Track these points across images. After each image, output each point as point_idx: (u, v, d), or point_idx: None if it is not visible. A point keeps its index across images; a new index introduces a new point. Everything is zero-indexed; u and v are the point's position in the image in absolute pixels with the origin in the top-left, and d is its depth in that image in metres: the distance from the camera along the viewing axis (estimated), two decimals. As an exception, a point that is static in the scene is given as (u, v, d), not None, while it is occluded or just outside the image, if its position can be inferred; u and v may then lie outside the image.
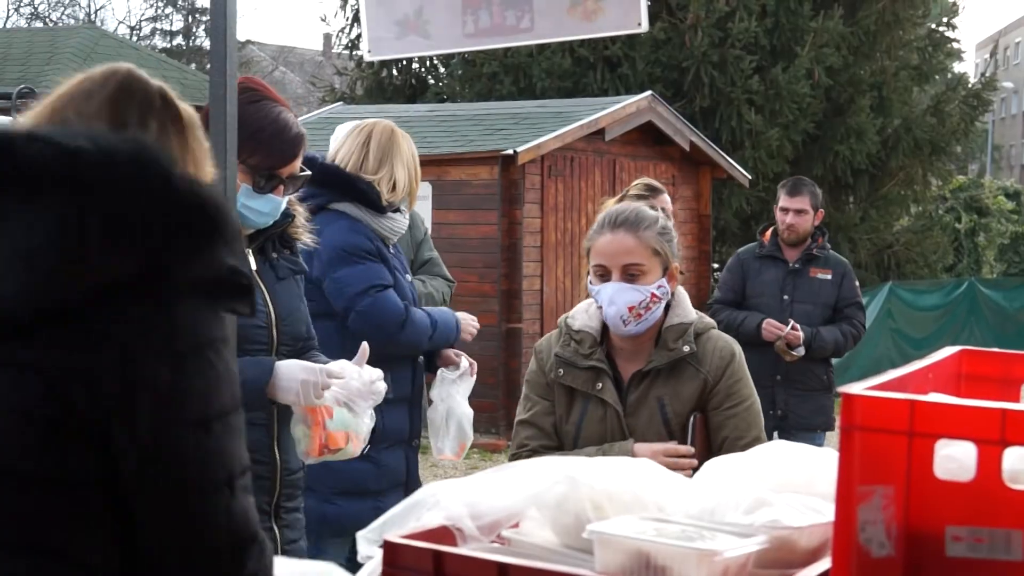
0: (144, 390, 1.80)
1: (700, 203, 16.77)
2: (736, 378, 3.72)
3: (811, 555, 1.84)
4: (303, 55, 52.74)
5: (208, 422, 1.85)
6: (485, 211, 13.39)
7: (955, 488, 1.56)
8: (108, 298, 1.81)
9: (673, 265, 3.71)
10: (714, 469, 2.07)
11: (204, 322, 1.88)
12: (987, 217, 27.54)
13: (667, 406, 3.68)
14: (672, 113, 15.90)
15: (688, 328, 3.72)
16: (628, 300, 3.63)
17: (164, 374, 1.82)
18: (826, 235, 7.70)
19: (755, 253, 7.71)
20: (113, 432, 1.80)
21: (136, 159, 1.87)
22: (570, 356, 3.76)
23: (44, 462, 1.79)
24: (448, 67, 21.26)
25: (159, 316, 1.83)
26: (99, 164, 1.84)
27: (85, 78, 2.25)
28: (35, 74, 19.58)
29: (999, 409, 1.53)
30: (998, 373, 2.20)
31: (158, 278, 1.84)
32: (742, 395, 3.72)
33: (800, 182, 7.66)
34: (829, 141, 19.96)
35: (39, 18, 40.36)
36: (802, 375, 7.40)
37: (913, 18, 21.51)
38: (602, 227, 3.70)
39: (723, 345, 3.77)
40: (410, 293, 5.02)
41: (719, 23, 18.84)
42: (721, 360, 3.72)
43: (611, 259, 3.66)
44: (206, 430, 1.85)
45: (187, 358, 1.84)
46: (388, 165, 4.90)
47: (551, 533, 1.97)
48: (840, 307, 7.52)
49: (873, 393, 1.58)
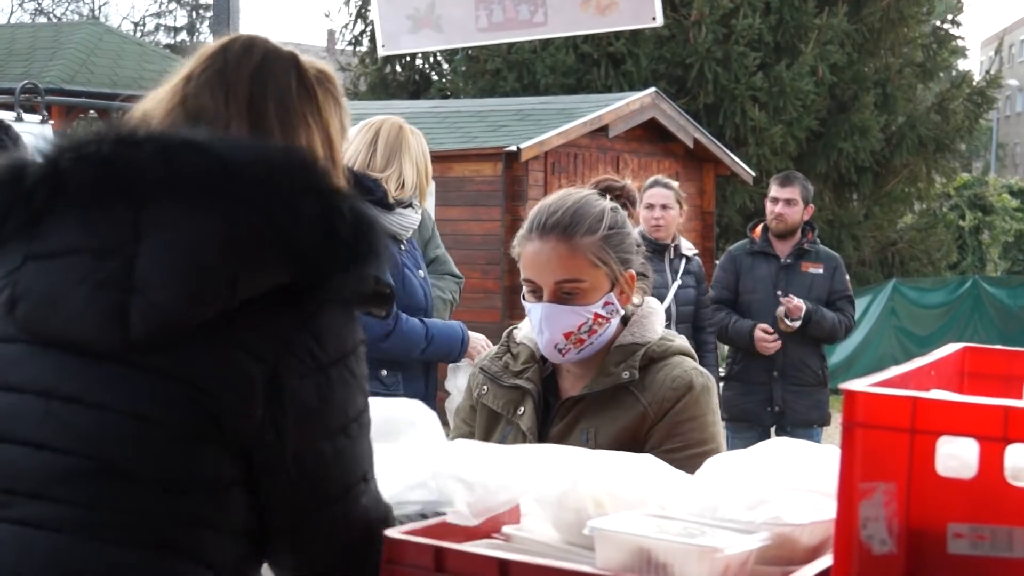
0: (290, 403, 1.85)
1: (703, 200, 16.77)
2: (686, 416, 2.90)
3: (813, 552, 1.84)
4: (306, 51, 52.63)
5: (347, 427, 1.91)
6: (488, 207, 13.40)
7: (957, 485, 1.55)
8: (257, 309, 1.85)
9: (625, 274, 2.95)
10: (716, 466, 2.07)
11: (348, 331, 1.94)
12: (991, 215, 27.54)
13: (591, 440, 2.89)
14: (676, 110, 15.91)
15: (638, 351, 2.96)
16: (563, 326, 2.89)
17: (310, 391, 1.86)
18: (815, 230, 7.76)
19: (746, 249, 7.75)
20: (257, 451, 1.85)
21: (293, 173, 1.90)
22: (497, 372, 3.11)
23: (180, 470, 1.83)
24: (452, 63, 21.27)
25: (307, 330, 1.88)
26: (258, 178, 1.86)
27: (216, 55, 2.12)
28: (39, 69, 19.61)
29: (1001, 406, 1.52)
30: (1001, 370, 2.19)
31: (308, 291, 1.88)
32: (688, 439, 2.89)
33: (792, 174, 7.77)
34: (833, 138, 19.98)
35: (43, 13, 40.43)
36: (798, 371, 7.47)
37: (917, 15, 21.52)
38: (530, 231, 2.95)
39: (679, 375, 2.94)
40: (422, 290, 5.00)
41: (723, 20, 18.85)
42: (671, 392, 2.91)
43: (540, 275, 2.90)
44: (346, 435, 1.91)
45: (331, 370, 1.89)
46: (396, 162, 4.88)
47: (552, 529, 1.97)
48: (832, 300, 7.57)
49: (875, 390, 1.58)
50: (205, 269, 1.82)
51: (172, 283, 1.82)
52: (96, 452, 1.82)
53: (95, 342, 1.84)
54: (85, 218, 1.88)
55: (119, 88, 19.85)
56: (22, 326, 1.89)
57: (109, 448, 1.82)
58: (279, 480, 1.87)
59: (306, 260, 1.87)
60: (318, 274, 1.88)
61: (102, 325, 1.83)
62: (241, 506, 1.87)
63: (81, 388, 1.84)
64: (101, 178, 1.87)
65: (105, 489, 1.82)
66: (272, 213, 1.85)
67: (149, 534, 1.82)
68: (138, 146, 1.89)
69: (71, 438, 1.83)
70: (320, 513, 1.90)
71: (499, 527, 2.02)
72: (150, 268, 1.82)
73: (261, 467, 1.86)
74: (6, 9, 53.44)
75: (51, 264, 1.88)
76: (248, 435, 1.84)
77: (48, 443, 1.84)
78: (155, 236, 1.84)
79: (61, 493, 1.82)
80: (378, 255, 1.92)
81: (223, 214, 1.84)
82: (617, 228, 2.94)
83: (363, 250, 1.90)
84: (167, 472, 1.83)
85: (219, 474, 1.85)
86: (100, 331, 1.83)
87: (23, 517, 1.82)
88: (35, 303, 1.88)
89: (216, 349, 1.84)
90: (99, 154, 1.89)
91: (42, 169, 1.92)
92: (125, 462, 1.82)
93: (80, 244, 1.87)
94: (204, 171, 1.86)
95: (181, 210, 1.85)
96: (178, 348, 1.83)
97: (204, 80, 2.07)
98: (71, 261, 1.87)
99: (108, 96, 18.03)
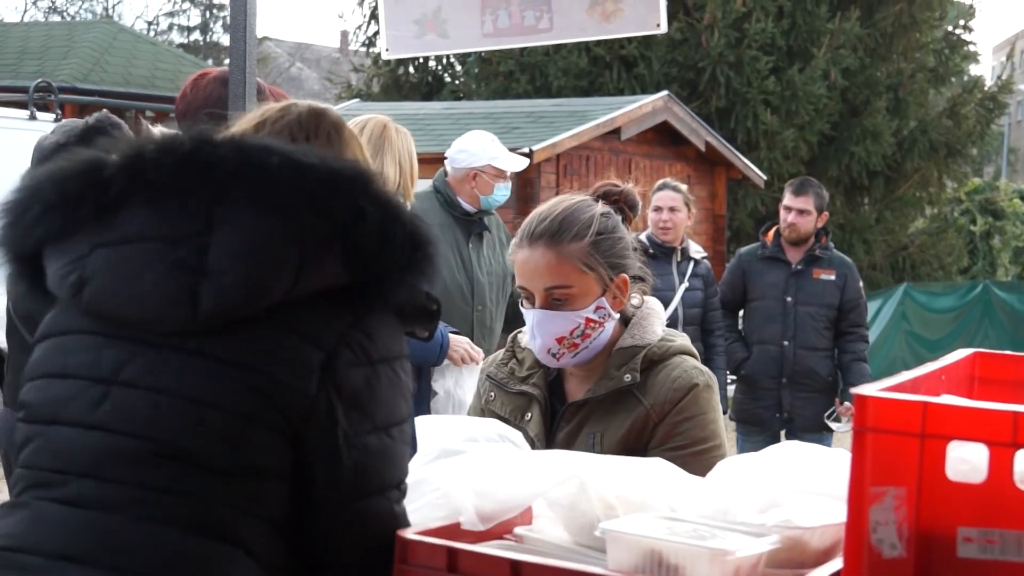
0: (341, 394, 1.93)
1: (715, 203, 16.78)
2: (686, 415, 2.94)
3: (823, 555, 1.85)
4: (320, 52, 52.79)
5: (390, 428, 1.99)
6: (500, 209, 13.34)
7: (967, 490, 1.56)
8: (316, 304, 1.95)
9: (617, 279, 2.97)
10: (727, 469, 2.08)
11: (395, 337, 2.04)
12: (1002, 220, 27.48)
13: (598, 444, 2.95)
14: (688, 113, 15.91)
15: (639, 353, 2.99)
16: (555, 331, 2.93)
17: (360, 380, 1.95)
18: (829, 235, 7.62)
19: (757, 254, 7.64)
20: (308, 431, 1.92)
21: (358, 179, 2.03)
22: (503, 378, 3.15)
23: (231, 453, 1.90)
24: (464, 65, 21.28)
25: (360, 328, 1.97)
26: (327, 182, 1.99)
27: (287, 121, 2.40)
28: (52, 68, 19.64)
29: (1011, 411, 1.53)
30: (1011, 376, 2.20)
31: (364, 293, 1.99)
32: (690, 436, 2.93)
33: (807, 182, 7.59)
34: (845, 142, 19.96)
35: (57, 12, 40.49)
36: (807, 377, 7.35)
37: (930, 20, 21.49)
38: (520, 239, 2.98)
39: (679, 375, 2.97)
40: None
41: (736, 24, 18.84)
42: (672, 392, 2.95)
43: (531, 281, 2.94)
44: (389, 436, 1.99)
45: (380, 366, 1.98)
46: (378, 162, 4.83)
47: (564, 531, 1.98)
48: (844, 310, 7.43)
49: (886, 395, 1.59)
50: (272, 259, 1.92)
51: (241, 269, 1.90)
52: (150, 433, 1.89)
53: (161, 321, 1.92)
54: (159, 209, 1.97)
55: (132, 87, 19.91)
56: (87, 307, 1.96)
57: (163, 430, 1.89)
58: (325, 462, 1.93)
59: (364, 260, 1.97)
60: (373, 275, 1.98)
61: (170, 305, 1.91)
62: (283, 498, 1.93)
63: (138, 373, 1.92)
64: (180, 170, 1.97)
65: (157, 470, 1.88)
66: (336, 213, 1.96)
67: (196, 515, 1.87)
68: (218, 144, 2.00)
69: (126, 420, 1.90)
70: (356, 504, 1.95)
71: (511, 528, 2.03)
72: (221, 255, 1.91)
73: (311, 449, 1.92)
74: (20, 8, 53.50)
75: (121, 250, 1.96)
76: (302, 414, 1.91)
77: (102, 425, 1.90)
78: (227, 227, 1.93)
79: (113, 473, 1.88)
80: (430, 264, 2.03)
81: (292, 210, 1.94)
82: (607, 233, 2.96)
83: (417, 257, 2.01)
84: (218, 455, 1.89)
85: (268, 461, 1.91)
86: (167, 310, 1.91)
87: (73, 497, 1.88)
88: (102, 283, 1.95)
89: (276, 333, 1.93)
90: (181, 148, 1.99)
91: (123, 159, 2.00)
92: (178, 443, 1.88)
93: (152, 232, 1.95)
94: (276, 170, 1.96)
95: (254, 204, 1.94)
96: (238, 333, 1.92)
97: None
98: (142, 247, 1.95)
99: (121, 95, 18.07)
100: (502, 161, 6.07)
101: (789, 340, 7.39)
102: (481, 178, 6.00)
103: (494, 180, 6.01)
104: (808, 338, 7.37)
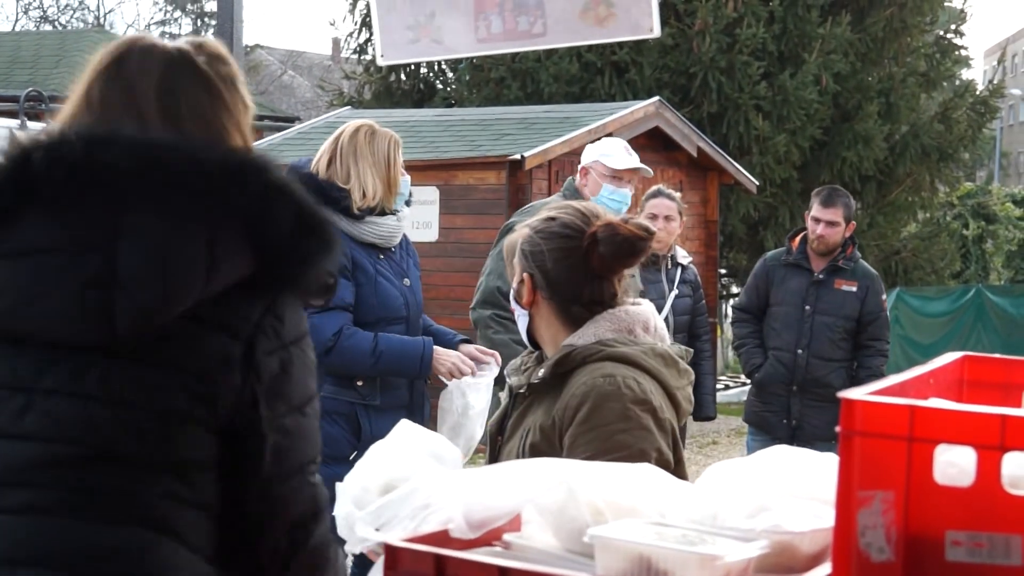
0: (261, 381, 1.99)
1: (707, 209, 16.77)
2: (589, 425, 2.89)
3: (812, 560, 1.85)
4: (312, 59, 52.75)
5: (303, 407, 2.06)
6: (492, 216, 13.39)
7: (955, 493, 1.56)
8: (228, 295, 1.98)
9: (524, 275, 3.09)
10: (715, 474, 2.07)
11: (300, 316, 2.10)
12: (995, 224, 27.55)
13: (525, 438, 3.01)
14: (679, 119, 15.91)
15: (563, 354, 3.00)
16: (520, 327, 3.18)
17: (276, 365, 2.01)
18: (856, 244, 7.49)
19: (782, 260, 7.51)
20: (234, 421, 1.98)
21: (263, 173, 2.02)
22: (514, 367, 3.25)
23: (162, 451, 1.94)
24: (456, 72, 21.28)
25: (272, 313, 2.02)
26: (230, 177, 1.98)
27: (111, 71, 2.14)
28: (43, 77, 19.63)
29: (999, 415, 1.53)
30: (1000, 379, 2.20)
31: (273, 280, 2.02)
32: (593, 447, 2.84)
33: (835, 192, 7.42)
34: (836, 147, 19.96)
35: (48, 21, 40.44)
36: (818, 386, 7.21)
37: (921, 25, 21.50)
38: None
39: (584, 381, 2.93)
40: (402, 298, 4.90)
41: (727, 29, 18.85)
42: (573, 399, 2.92)
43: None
44: (302, 413, 2.06)
45: (291, 348, 2.04)
46: (356, 170, 4.77)
47: (552, 537, 1.97)
48: (864, 323, 7.33)
49: (873, 398, 1.59)
50: (183, 265, 1.93)
51: (154, 281, 1.91)
52: (82, 438, 1.91)
53: (75, 339, 1.92)
54: (57, 218, 1.95)
55: (123, 96, 19.85)
56: None
57: (94, 434, 1.91)
58: (250, 449, 1.99)
59: (272, 253, 2.00)
60: (281, 266, 2.02)
61: (87, 322, 1.91)
62: (212, 485, 1.98)
63: (60, 380, 1.93)
64: (74, 179, 1.94)
65: (89, 472, 1.91)
66: (248, 213, 1.98)
67: (128, 510, 1.91)
68: (110, 144, 1.96)
69: (54, 427, 1.91)
70: (279, 485, 2.02)
71: (500, 535, 2.02)
72: (132, 267, 1.91)
73: (237, 437, 1.98)
74: (11, 16, 53.51)
75: (20, 264, 1.94)
76: (230, 407, 1.96)
77: (30, 434, 1.91)
78: (134, 235, 1.92)
79: (44, 479, 1.90)
80: (333, 248, 2.07)
81: (201, 214, 1.95)
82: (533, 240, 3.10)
83: (322, 242, 2.05)
84: (151, 454, 1.93)
85: (199, 455, 1.96)
86: (85, 328, 1.91)
87: (9, 506, 1.90)
88: (11, 303, 1.93)
89: (195, 330, 1.96)
90: (72, 155, 1.95)
91: (8, 170, 1.97)
92: (110, 446, 1.91)
93: (52, 244, 1.94)
94: (176, 169, 1.95)
95: (159, 209, 1.94)
96: (159, 336, 1.94)
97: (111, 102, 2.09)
98: (44, 261, 1.93)
99: (113, 104, 18.03)
100: (613, 159, 5.98)
101: (803, 348, 7.30)
102: (591, 176, 5.96)
103: (602, 179, 5.93)
104: (823, 348, 7.29)
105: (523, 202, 13.42)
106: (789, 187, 19.28)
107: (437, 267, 12.47)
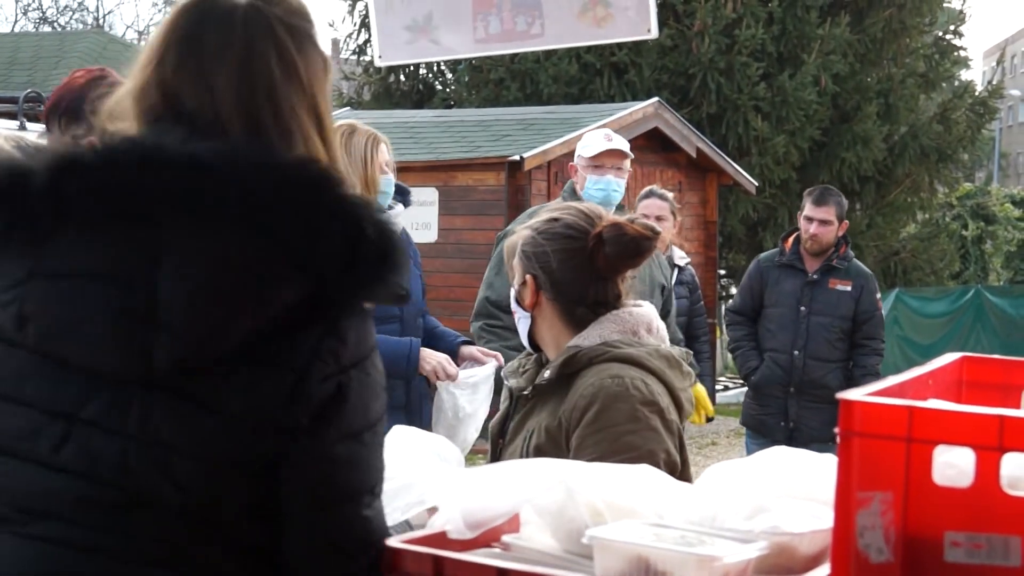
0: (311, 410, 1.85)
1: (706, 209, 16.78)
2: (596, 427, 2.90)
3: (811, 561, 1.84)
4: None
5: (362, 434, 1.90)
6: (491, 216, 13.40)
7: (953, 494, 1.56)
8: (283, 323, 1.84)
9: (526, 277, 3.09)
10: (714, 475, 2.07)
11: (366, 333, 1.94)
12: (994, 224, 27.56)
13: (529, 439, 3.01)
14: (679, 119, 15.92)
15: (569, 355, 3.01)
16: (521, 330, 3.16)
17: (331, 390, 1.86)
18: (849, 243, 7.49)
19: (775, 261, 7.51)
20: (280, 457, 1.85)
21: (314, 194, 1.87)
22: (511, 369, 3.26)
23: (203, 498, 1.84)
24: (455, 73, 21.28)
25: (332, 334, 1.88)
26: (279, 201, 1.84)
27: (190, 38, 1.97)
28: (42, 78, 19.59)
29: (997, 416, 1.53)
30: (999, 380, 2.20)
31: (331, 304, 1.88)
32: (599, 450, 2.84)
33: (827, 191, 7.43)
34: (835, 148, 19.97)
35: (47, 22, 40.42)
36: (815, 388, 7.19)
37: (920, 26, 21.52)
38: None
39: (591, 383, 2.94)
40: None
41: (726, 30, 18.85)
42: (580, 400, 2.93)
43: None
44: (360, 442, 1.90)
45: (351, 371, 1.89)
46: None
47: (551, 538, 1.97)
48: (859, 321, 7.32)
49: (872, 399, 1.59)
50: (227, 299, 1.81)
51: (195, 318, 1.80)
52: (119, 482, 1.83)
53: (115, 371, 1.83)
54: (97, 239, 1.85)
55: (122, 97, 19.83)
56: (35, 347, 1.86)
57: (133, 478, 1.82)
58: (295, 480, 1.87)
59: (329, 281, 1.86)
60: (340, 286, 1.88)
61: (124, 357, 1.82)
62: (253, 522, 1.88)
63: (101, 412, 1.83)
64: (111, 202, 1.84)
65: (125, 516, 1.83)
66: (294, 240, 1.84)
67: (166, 553, 1.83)
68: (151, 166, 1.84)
69: (91, 465, 1.83)
70: (324, 514, 1.89)
71: (498, 536, 2.02)
72: (172, 301, 1.80)
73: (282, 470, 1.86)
74: (10, 18, 53.54)
75: (63, 285, 1.85)
76: (275, 446, 1.85)
77: (67, 467, 1.83)
78: (174, 263, 1.81)
79: (78, 517, 1.83)
80: (400, 271, 1.92)
81: (244, 240, 1.82)
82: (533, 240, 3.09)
83: (388, 269, 1.90)
84: (188, 499, 1.83)
85: (242, 499, 1.86)
86: (121, 362, 1.82)
87: (37, 534, 1.83)
88: (50, 326, 1.85)
89: (243, 366, 1.84)
90: (106, 177, 1.85)
91: (45, 189, 1.86)
92: (149, 492, 1.82)
93: (93, 268, 1.84)
94: (222, 195, 1.83)
95: (200, 235, 1.82)
96: (204, 373, 1.83)
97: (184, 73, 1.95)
98: (86, 285, 1.84)
99: (112, 105, 18.01)
100: (588, 148, 5.81)
101: (799, 350, 7.28)
102: (579, 173, 5.84)
103: (585, 172, 5.80)
104: (819, 349, 7.27)
105: (522, 203, 13.42)
106: (788, 188, 19.29)
107: (436, 268, 12.46)
